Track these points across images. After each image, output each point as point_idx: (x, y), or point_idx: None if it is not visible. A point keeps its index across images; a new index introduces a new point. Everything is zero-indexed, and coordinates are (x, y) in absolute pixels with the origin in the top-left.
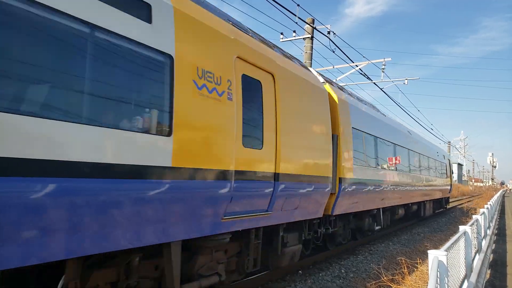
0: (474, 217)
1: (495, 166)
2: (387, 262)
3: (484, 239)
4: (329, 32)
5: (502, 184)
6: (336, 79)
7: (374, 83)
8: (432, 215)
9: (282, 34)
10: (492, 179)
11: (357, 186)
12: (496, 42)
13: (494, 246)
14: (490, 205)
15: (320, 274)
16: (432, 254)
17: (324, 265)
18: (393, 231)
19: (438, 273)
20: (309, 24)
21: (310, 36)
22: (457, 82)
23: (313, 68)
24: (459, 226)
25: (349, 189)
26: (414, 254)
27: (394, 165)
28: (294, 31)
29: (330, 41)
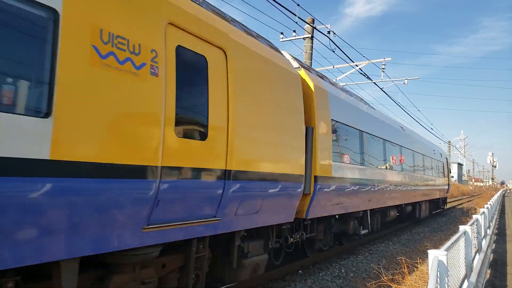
0: (474, 216)
1: (495, 166)
2: (387, 262)
3: (484, 239)
4: (329, 32)
5: (502, 183)
6: (336, 79)
7: (374, 83)
8: (428, 216)
9: (282, 34)
10: (492, 179)
11: (338, 186)
12: (496, 42)
13: (494, 245)
14: (490, 204)
15: (320, 274)
16: (432, 254)
17: (324, 265)
18: (393, 231)
19: (438, 272)
20: (309, 23)
21: (310, 35)
22: (457, 82)
23: (313, 67)
24: (459, 226)
25: (327, 189)
26: (414, 254)
27: (384, 163)
28: (294, 31)
29: (330, 41)
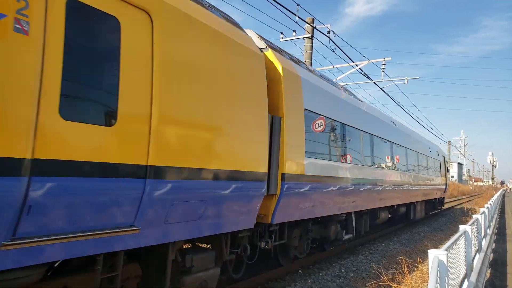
0: (474, 216)
1: (495, 166)
2: (387, 261)
3: (484, 239)
4: (329, 31)
5: (502, 183)
6: (336, 79)
7: (374, 83)
8: (424, 218)
9: (282, 33)
10: (492, 179)
11: (313, 186)
12: (496, 41)
13: (494, 245)
14: (490, 204)
15: (320, 274)
16: (432, 254)
17: (324, 264)
18: (393, 231)
19: (438, 272)
20: (309, 23)
21: (310, 35)
22: (457, 82)
23: (313, 67)
24: (459, 226)
25: (298, 189)
26: (414, 254)
27: (372, 160)
28: (294, 31)
29: (330, 40)
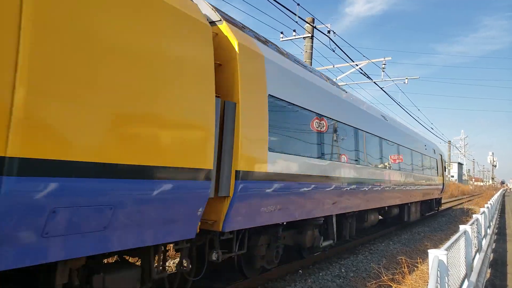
0: (474, 216)
1: (495, 165)
2: (388, 261)
3: (484, 238)
4: (329, 31)
5: (502, 183)
6: (336, 78)
7: (375, 82)
8: (422, 219)
9: (282, 33)
10: (492, 178)
11: (279, 185)
12: (496, 41)
13: (494, 245)
14: (491, 204)
15: (320, 274)
16: (432, 254)
17: (324, 264)
18: (393, 231)
19: (439, 272)
20: (309, 23)
21: (310, 35)
22: (457, 81)
23: (313, 67)
24: (459, 226)
25: (259, 189)
26: (415, 254)
27: (356, 157)
28: (294, 30)
29: (330, 40)
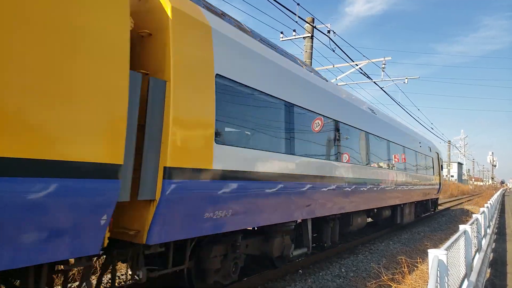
0: (474, 216)
1: (495, 165)
2: (387, 261)
3: (484, 238)
4: (329, 31)
5: (502, 183)
6: (336, 78)
7: (374, 82)
8: (414, 221)
9: (282, 33)
10: (492, 178)
11: (230, 185)
12: (496, 40)
13: (494, 245)
14: (490, 204)
15: (320, 274)
16: (432, 253)
17: (324, 264)
18: (393, 230)
19: (438, 272)
20: (309, 23)
21: (310, 35)
22: (457, 81)
23: (313, 67)
24: (459, 225)
25: (200, 190)
26: (414, 253)
27: (337, 154)
28: (294, 30)
29: (330, 40)
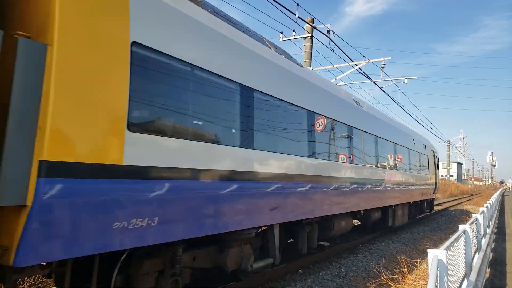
0: (473, 216)
1: (495, 165)
2: (387, 261)
3: (483, 238)
4: (328, 31)
5: (502, 183)
6: (336, 78)
7: (374, 82)
8: (408, 223)
9: (281, 33)
10: (491, 178)
11: (152, 185)
12: (496, 40)
13: (493, 244)
14: (490, 203)
15: (320, 273)
16: (431, 253)
17: (324, 264)
18: (392, 230)
19: (438, 272)
20: (308, 23)
21: (309, 35)
22: (456, 81)
23: (313, 67)
24: (459, 225)
25: (102, 192)
26: (414, 253)
27: (311, 149)
28: (294, 30)
29: (330, 40)
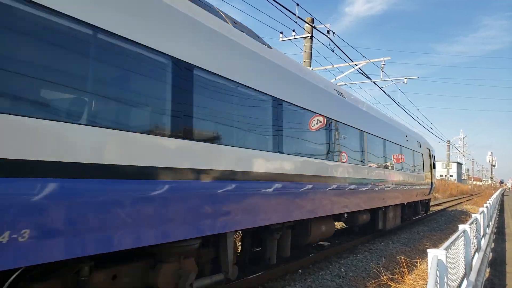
0: (473, 215)
1: (494, 165)
2: (387, 261)
3: (483, 238)
4: (328, 31)
5: (501, 183)
6: (335, 78)
7: (374, 82)
8: (401, 226)
9: (281, 33)
10: (491, 178)
11: (30, 185)
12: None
13: (493, 244)
14: (490, 203)
15: (320, 273)
16: (431, 253)
17: (324, 264)
18: (392, 230)
19: (438, 272)
20: (308, 23)
21: (309, 35)
22: (456, 81)
23: (313, 67)
24: (459, 225)
25: None
26: (414, 253)
27: (277, 144)
28: (294, 30)
29: (330, 40)
